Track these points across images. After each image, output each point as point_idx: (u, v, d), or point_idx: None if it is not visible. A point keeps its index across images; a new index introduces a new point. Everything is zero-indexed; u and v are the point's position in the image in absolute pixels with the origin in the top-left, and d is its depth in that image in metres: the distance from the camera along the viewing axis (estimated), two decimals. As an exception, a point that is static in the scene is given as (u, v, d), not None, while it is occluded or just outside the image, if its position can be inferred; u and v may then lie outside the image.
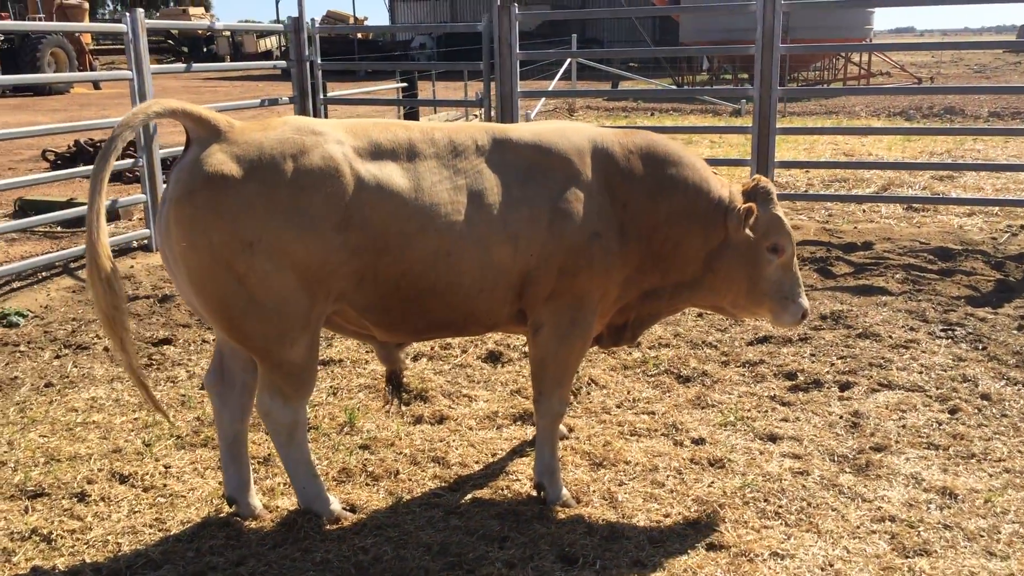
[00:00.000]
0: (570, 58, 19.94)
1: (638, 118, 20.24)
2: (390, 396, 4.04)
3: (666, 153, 3.84)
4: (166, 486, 4.06)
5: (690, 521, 3.80)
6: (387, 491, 4.06)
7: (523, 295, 3.70)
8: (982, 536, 3.66)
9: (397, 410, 4.13)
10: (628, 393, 5.15)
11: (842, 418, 4.76)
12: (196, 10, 49.37)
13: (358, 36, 41.48)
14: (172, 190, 3.28)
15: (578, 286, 3.70)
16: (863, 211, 9.98)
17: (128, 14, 7.72)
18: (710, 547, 3.60)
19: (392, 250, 3.41)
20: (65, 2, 28.90)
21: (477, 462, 4.34)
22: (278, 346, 3.42)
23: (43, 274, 7.49)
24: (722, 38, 20.99)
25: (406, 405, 5.00)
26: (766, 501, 3.95)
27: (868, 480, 4.13)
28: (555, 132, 3.78)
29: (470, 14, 50.45)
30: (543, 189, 3.63)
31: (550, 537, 3.65)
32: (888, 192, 10.90)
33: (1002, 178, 11.35)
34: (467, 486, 4.11)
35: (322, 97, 10.31)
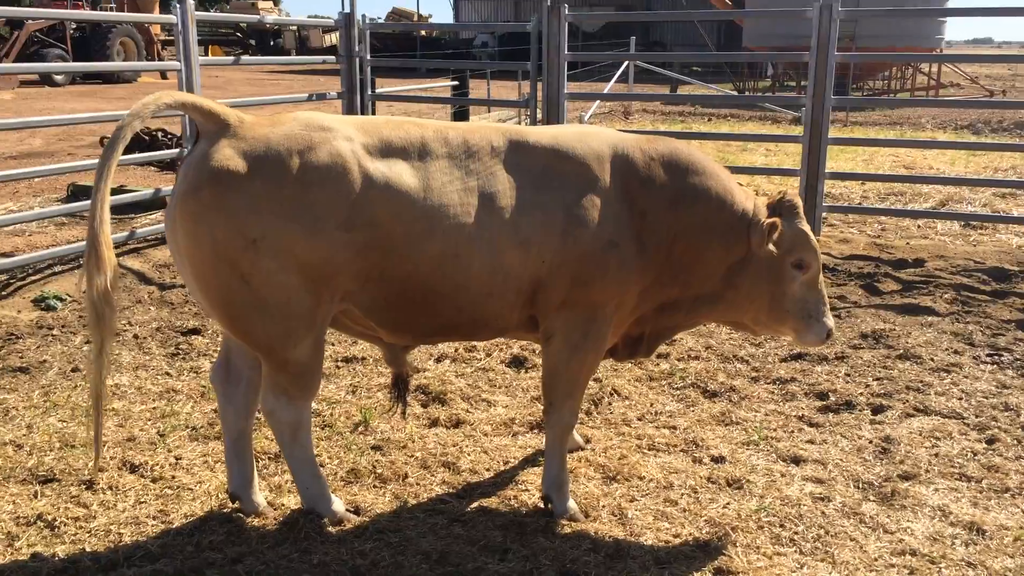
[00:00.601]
0: (626, 60, 19.72)
1: (694, 123, 19.96)
2: (395, 400, 3.98)
3: (689, 162, 3.71)
4: (174, 478, 4.06)
5: (700, 543, 3.66)
6: (393, 494, 4.01)
7: (534, 302, 3.61)
8: (1008, 577, 3.47)
9: (402, 414, 4.07)
10: (651, 406, 5.02)
11: (872, 443, 4.57)
12: (265, 4, 50.13)
13: (422, 33, 41.74)
14: (179, 185, 3.27)
15: (592, 296, 3.60)
16: (918, 227, 9.65)
17: (178, 5, 7.80)
18: (717, 572, 3.47)
19: (399, 250, 3.35)
20: (135, -7, 29.61)
21: (488, 469, 4.26)
22: (282, 345, 3.38)
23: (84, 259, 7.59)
24: (784, 44, 20.60)
25: (423, 407, 4.95)
26: (782, 526, 3.80)
27: (892, 510, 3.95)
28: (574, 136, 3.69)
29: (533, 13, 50.38)
30: (558, 194, 3.54)
31: (552, 552, 3.55)
32: (946, 208, 10.52)
33: (1069, 197, 10.89)
34: (475, 494, 4.04)
35: (370, 93, 10.32)
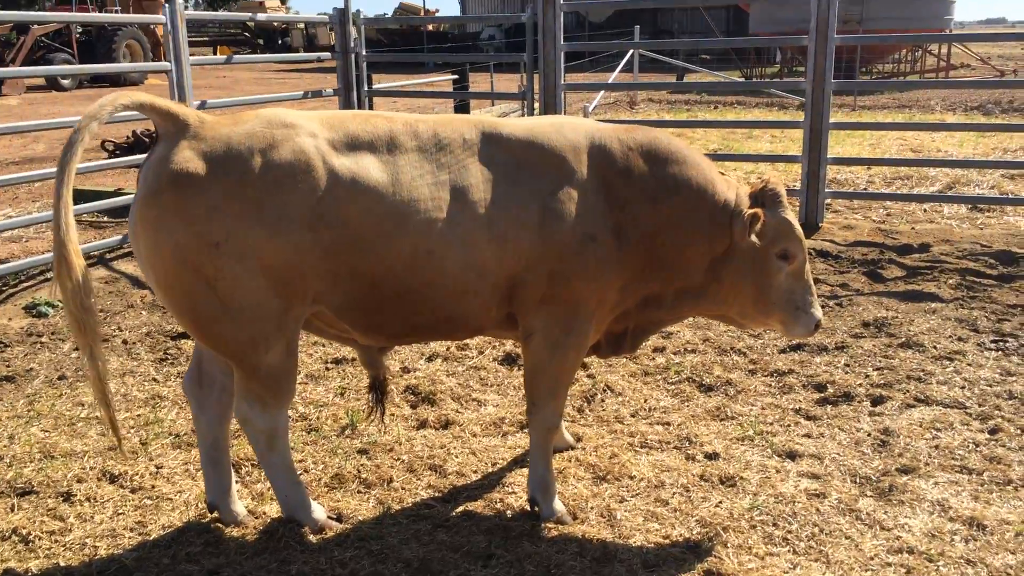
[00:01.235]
0: (630, 49, 19.53)
1: (700, 111, 19.78)
2: (374, 404, 3.89)
3: (669, 151, 3.60)
4: (154, 488, 3.99)
5: (691, 544, 3.56)
6: (377, 500, 3.92)
7: (512, 299, 3.51)
8: (1008, 574, 3.34)
9: (380, 418, 3.99)
10: (644, 402, 4.91)
11: (870, 435, 4.45)
12: (272, 2, 50.15)
13: (428, 28, 41.63)
14: (139, 189, 3.18)
15: (571, 292, 3.49)
16: (924, 211, 9.47)
17: (167, 5, 7.73)
18: (707, 574, 3.36)
19: (369, 248, 3.25)
20: (141, -4, 29.61)
21: (475, 471, 4.17)
22: (253, 351, 3.29)
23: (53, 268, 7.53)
24: (790, 28, 20.34)
25: (412, 408, 4.86)
26: (775, 525, 3.68)
27: (890, 506, 3.82)
28: (550, 127, 3.57)
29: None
30: (533, 188, 3.43)
31: (537, 557, 3.45)
32: (952, 191, 10.33)
33: (1080, 177, 10.67)
34: (460, 497, 3.94)
35: (367, 89, 10.23)
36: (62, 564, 3.43)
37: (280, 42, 48.08)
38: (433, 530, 3.67)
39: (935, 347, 5.53)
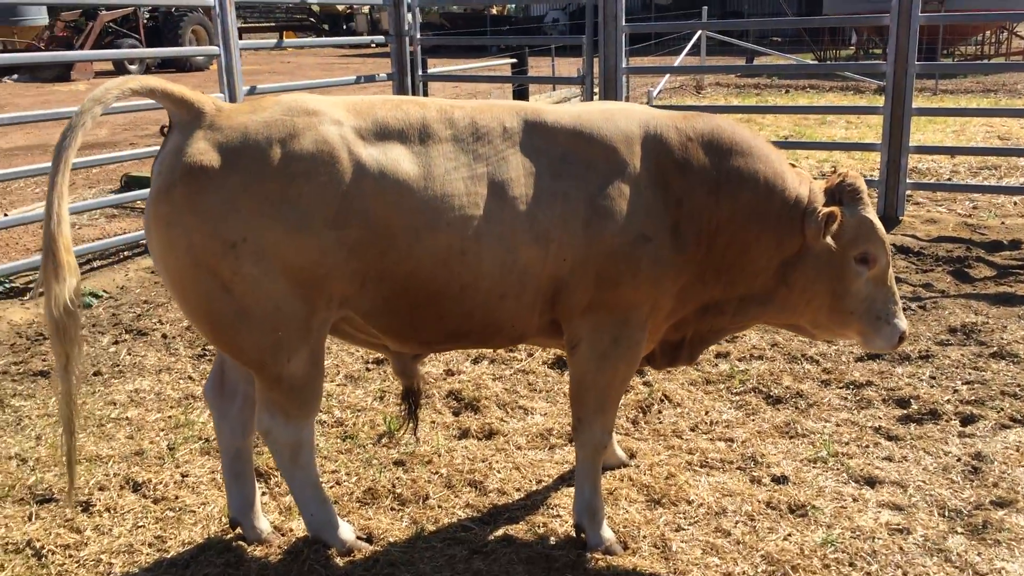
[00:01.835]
0: (697, 30, 18.88)
1: (771, 96, 19.03)
2: (406, 416, 3.58)
3: (733, 141, 3.20)
4: (178, 498, 3.75)
5: (755, 584, 3.18)
6: (411, 519, 3.62)
7: (555, 305, 3.16)
8: None
9: (413, 432, 3.69)
10: (705, 414, 4.52)
11: (960, 460, 3.99)
12: (329, -13, 50.30)
13: (492, 11, 41.22)
14: (153, 184, 2.92)
15: (621, 298, 3.13)
16: (1014, 204, 8.80)
17: (215, -12, 7.52)
18: (773, 622, 2.99)
19: (398, 247, 2.94)
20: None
21: (519, 489, 3.84)
22: (274, 359, 3.01)
23: (125, 253, 7.44)
24: (866, 9, 19.45)
25: (455, 415, 4.56)
26: (851, 565, 3.28)
27: (984, 546, 3.38)
28: (600, 115, 3.20)
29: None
30: (580, 182, 3.07)
31: (582, 593, 3.12)
32: (1047, 182, 9.62)
33: None
34: (500, 519, 3.62)
35: (421, 74, 9.93)
36: (72, 583, 3.21)
37: (345, 27, 48.20)
38: (469, 557, 3.35)
39: (1032, 358, 5.01)
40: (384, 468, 4.02)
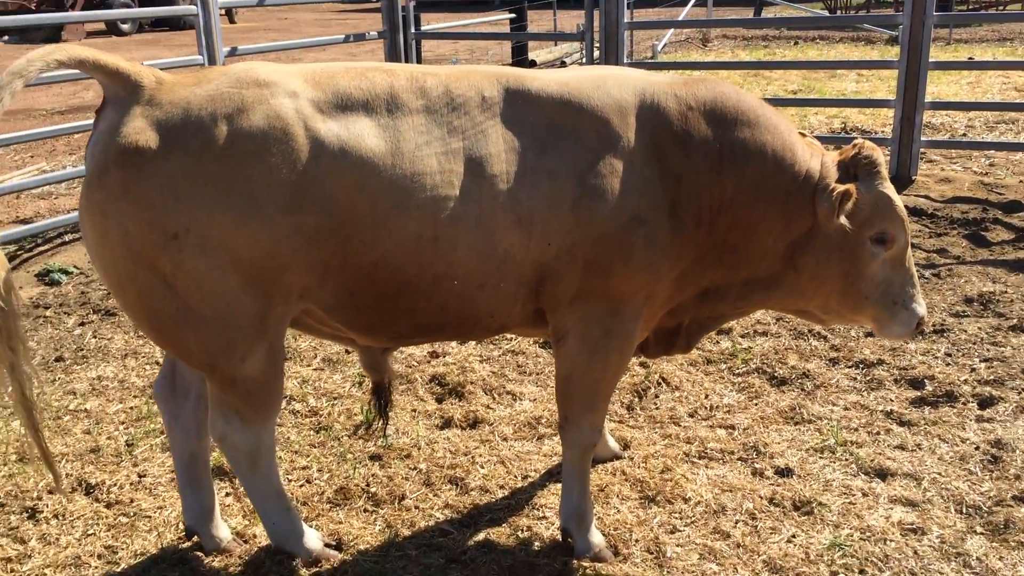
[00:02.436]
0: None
1: (780, 49, 18.44)
2: (376, 413, 3.30)
3: (738, 110, 2.86)
4: (133, 501, 3.49)
5: (755, 594, 2.92)
6: (386, 522, 3.36)
7: (539, 295, 2.86)
8: None
9: (382, 432, 3.42)
10: (705, 398, 4.23)
11: (979, 449, 3.70)
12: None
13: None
14: (86, 169, 2.61)
15: (613, 286, 2.83)
16: (1033, 160, 8.42)
17: (189, -55, 7.11)
18: (775, 640, 2.72)
19: (362, 233, 2.63)
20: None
21: (503, 486, 3.57)
22: (227, 360, 2.73)
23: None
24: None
25: (438, 402, 4.28)
26: (861, 572, 3.01)
27: (1006, 548, 3.11)
28: (590, 82, 2.86)
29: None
30: (568, 157, 2.75)
31: (567, 607, 2.86)
32: (1067, 137, 9.20)
33: None
34: (482, 521, 3.36)
35: (413, 32, 9.51)
36: (13, 602, 2.97)
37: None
38: (445, 566, 3.09)
39: (1055, 332, 4.70)
40: (359, 463, 3.75)
